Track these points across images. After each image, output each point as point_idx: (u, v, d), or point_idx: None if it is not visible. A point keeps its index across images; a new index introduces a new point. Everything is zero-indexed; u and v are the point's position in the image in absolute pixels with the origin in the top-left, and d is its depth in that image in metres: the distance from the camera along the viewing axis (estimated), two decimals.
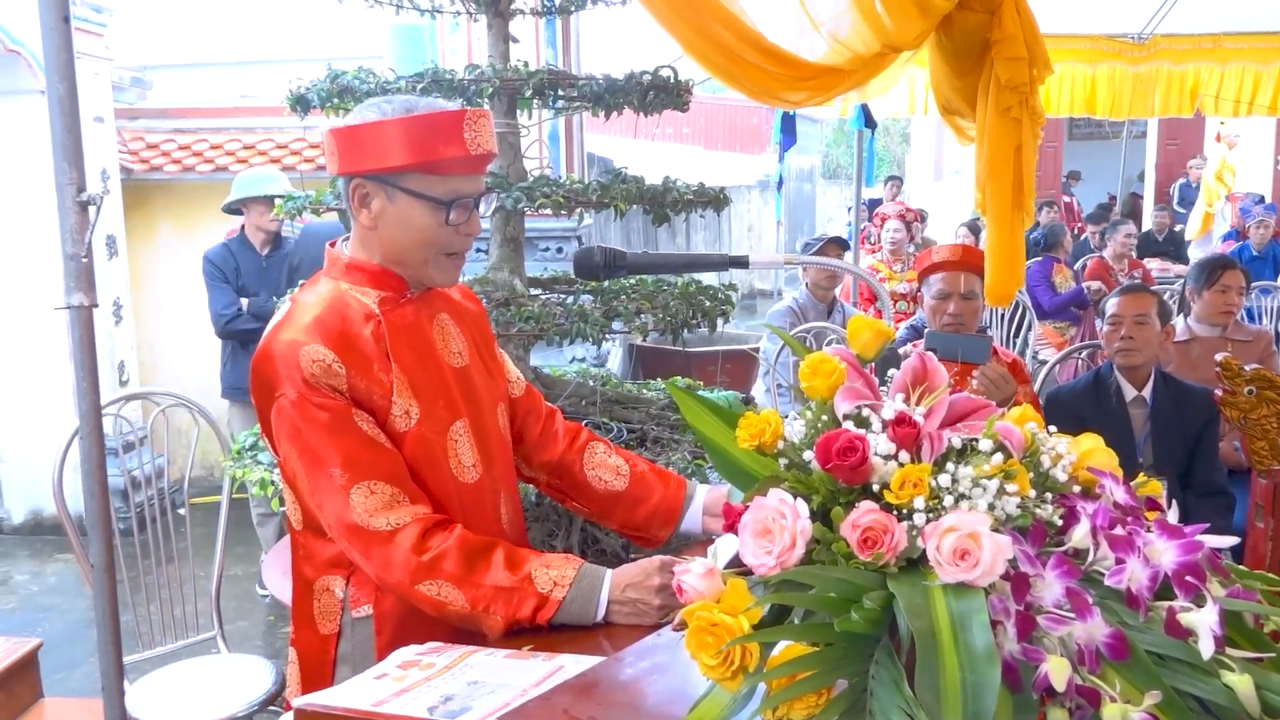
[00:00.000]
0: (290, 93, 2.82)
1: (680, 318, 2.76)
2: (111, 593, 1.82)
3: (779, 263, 1.90)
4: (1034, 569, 0.87)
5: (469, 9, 2.95)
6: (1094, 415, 2.92)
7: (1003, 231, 3.34)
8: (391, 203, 1.50)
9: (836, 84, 3.21)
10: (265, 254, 4.53)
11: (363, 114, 1.50)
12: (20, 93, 4.95)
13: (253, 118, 6.08)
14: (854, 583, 0.89)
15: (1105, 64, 5.97)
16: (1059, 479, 0.98)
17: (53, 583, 4.79)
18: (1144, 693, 0.81)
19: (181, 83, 7.57)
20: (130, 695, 2.39)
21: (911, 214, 6.86)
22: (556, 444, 1.78)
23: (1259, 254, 8.05)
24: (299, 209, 2.89)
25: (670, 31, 2.67)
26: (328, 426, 1.44)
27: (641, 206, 2.86)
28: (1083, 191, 14.11)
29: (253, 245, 4.54)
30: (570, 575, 1.44)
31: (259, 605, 4.40)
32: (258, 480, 2.64)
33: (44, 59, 1.67)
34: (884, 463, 0.95)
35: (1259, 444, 2.52)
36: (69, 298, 1.72)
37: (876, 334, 1.17)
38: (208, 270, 4.48)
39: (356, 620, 1.54)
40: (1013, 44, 3.19)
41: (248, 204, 4.45)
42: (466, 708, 1.12)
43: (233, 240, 4.58)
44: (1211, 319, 3.80)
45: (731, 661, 0.89)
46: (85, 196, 1.70)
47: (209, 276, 4.47)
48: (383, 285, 1.55)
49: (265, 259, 4.52)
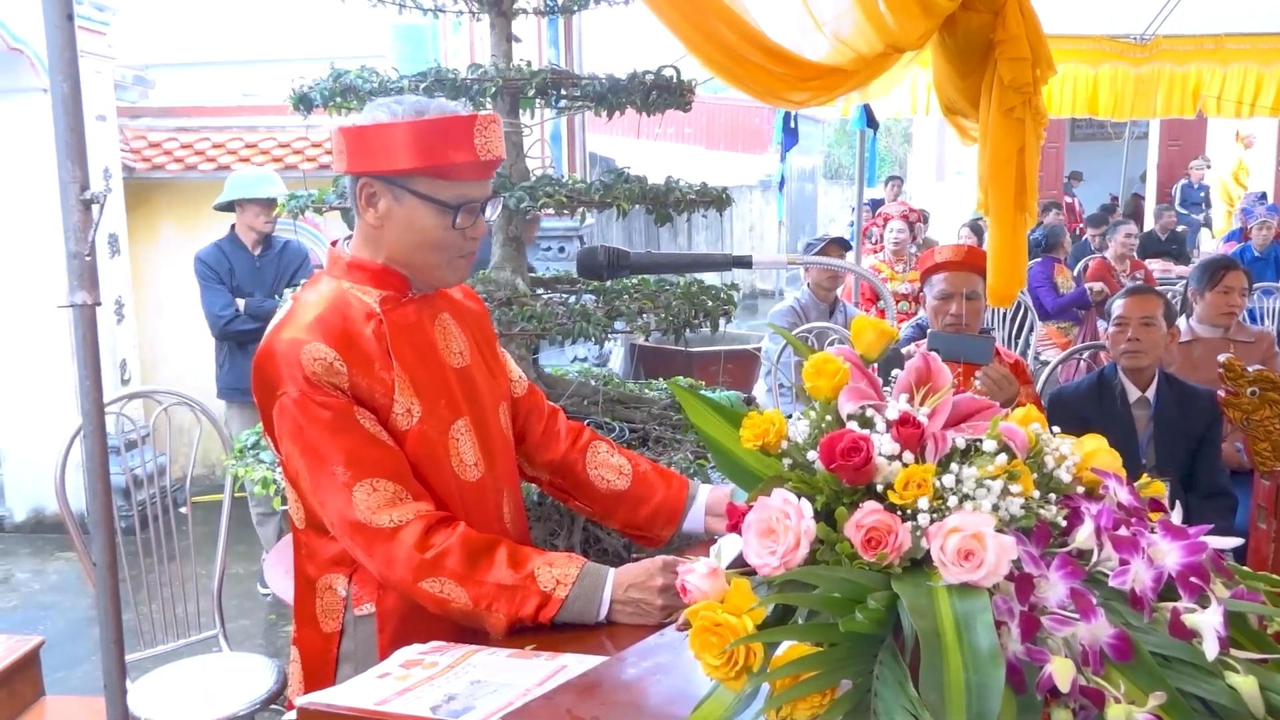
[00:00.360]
0: (293, 92, 2.82)
1: (682, 317, 2.76)
2: (113, 591, 1.82)
3: (781, 263, 1.90)
4: (1038, 570, 0.87)
5: (471, 8, 2.95)
6: (1097, 416, 2.92)
7: (1005, 232, 3.34)
8: (399, 204, 1.50)
9: (839, 84, 3.21)
10: (258, 254, 4.53)
11: (373, 114, 1.49)
12: (23, 91, 4.95)
13: (255, 117, 6.08)
14: (858, 583, 0.89)
15: (1107, 64, 5.98)
16: (1063, 480, 0.98)
17: (54, 581, 4.80)
18: (1148, 694, 0.81)
19: (184, 81, 7.57)
20: (132, 694, 2.39)
21: (914, 214, 6.86)
22: (559, 443, 1.78)
23: (1261, 255, 8.05)
24: (301, 208, 2.90)
25: (673, 31, 2.67)
26: (330, 425, 1.44)
27: (644, 206, 2.86)
28: (1084, 192, 14.11)
29: (245, 245, 4.53)
30: (573, 574, 1.44)
31: (260, 604, 4.41)
32: (259, 479, 2.65)
33: (47, 57, 1.67)
34: (888, 463, 0.95)
35: (1261, 445, 2.51)
36: (72, 296, 1.72)
37: (880, 334, 1.17)
38: (201, 271, 4.45)
39: (359, 618, 1.54)
40: (1016, 44, 3.19)
41: (242, 204, 4.46)
42: (469, 707, 1.12)
43: (224, 240, 4.56)
44: (1214, 320, 3.79)
45: (735, 661, 0.89)
46: (88, 195, 1.69)
47: (202, 277, 4.44)
48: (384, 284, 1.55)
49: (258, 259, 4.52)
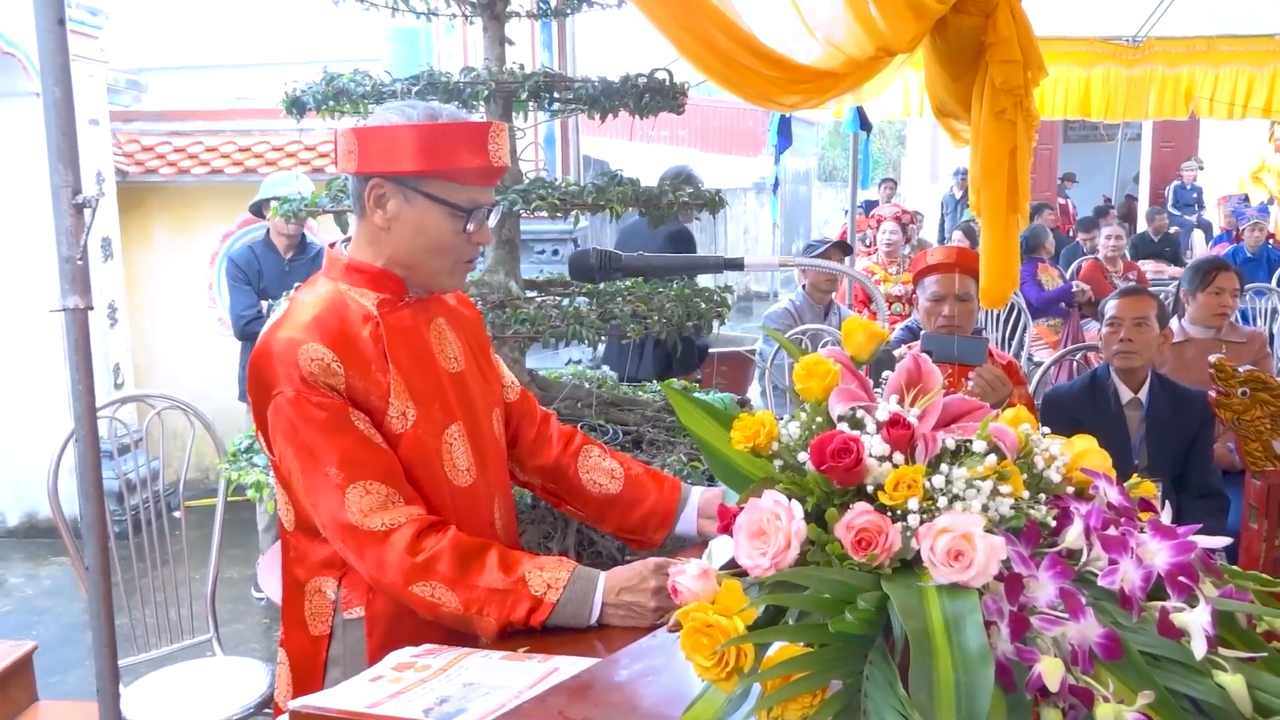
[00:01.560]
0: (285, 95, 2.82)
1: (676, 320, 2.76)
2: (106, 595, 1.82)
3: (774, 265, 1.90)
4: (1028, 570, 0.87)
5: (465, 11, 2.95)
6: (1090, 417, 2.93)
7: (997, 234, 3.34)
8: (409, 205, 1.51)
9: (831, 87, 3.22)
10: (289, 257, 4.57)
11: (387, 116, 1.50)
12: (15, 95, 4.94)
13: (248, 120, 6.08)
14: (848, 584, 0.89)
15: (1100, 66, 5.99)
16: (1053, 480, 0.98)
17: (48, 585, 4.78)
18: (1137, 693, 0.81)
19: (177, 85, 7.56)
20: (125, 698, 2.39)
21: (907, 216, 6.88)
22: (551, 448, 1.78)
23: (1253, 256, 8.07)
24: (295, 211, 2.89)
25: (665, 35, 2.68)
26: (325, 425, 1.44)
27: (637, 209, 2.86)
28: (1078, 194, 14.14)
29: (276, 248, 4.58)
30: (564, 578, 1.44)
31: (254, 608, 4.40)
32: (253, 483, 2.64)
33: (39, 61, 1.67)
34: (878, 464, 0.95)
35: (1253, 445, 2.52)
36: (64, 300, 1.72)
37: (871, 336, 1.17)
38: (230, 271, 4.54)
39: (348, 622, 1.54)
40: (1007, 46, 3.19)
41: (267, 205, 4.46)
42: (462, 709, 1.12)
43: (258, 242, 4.65)
44: (1206, 321, 3.80)
45: (726, 662, 0.89)
46: (80, 199, 1.69)
47: (230, 277, 4.53)
48: (381, 287, 1.56)
49: (289, 262, 4.56)
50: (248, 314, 4.43)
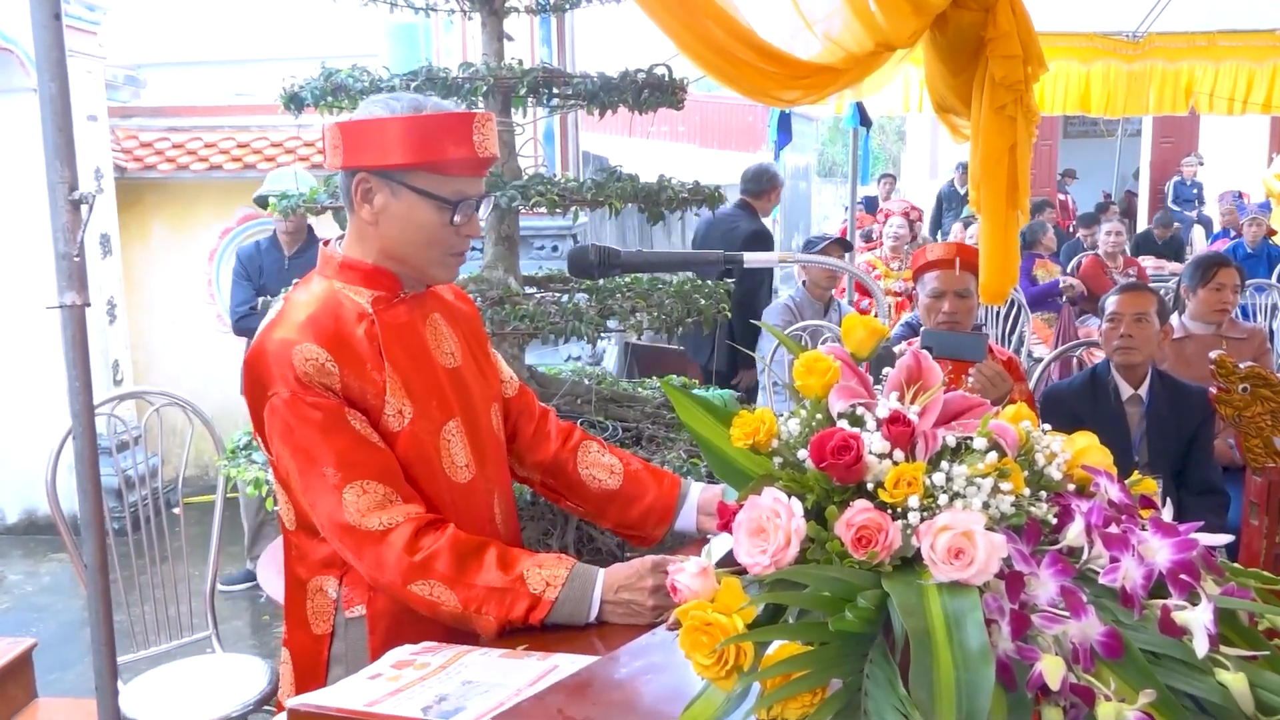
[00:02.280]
0: (284, 91, 2.81)
1: (675, 316, 2.76)
2: (105, 592, 1.81)
3: (773, 261, 1.89)
4: (1028, 567, 0.87)
5: (463, 7, 2.94)
6: (1090, 413, 2.92)
7: (997, 229, 3.34)
8: (395, 199, 1.50)
9: (830, 82, 3.21)
10: (291, 254, 4.61)
11: (370, 109, 1.50)
12: (13, 91, 4.93)
13: (247, 116, 6.07)
14: (848, 582, 0.89)
15: (1100, 62, 5.98)
16: (1053, 477, 0.98)
17: (47, 583, 4.78)
18: (1139, 691, 0.81)
19: (175, 81, 7.55)
20: (124, 695, 2.38)
21: (915, 211, 6.89)
22: (549, 443, 1.78)
23: (1253, 251, 8.06)
24: (293, 207, 2.89)
25: (664, 30, 2.68)
26: (321, 425, 1.44)
27: (636, 205, 2.85)
28: (1078, 190, 14.13)
29: (280, 246, 4.64)
30: (563, 575, 1.44)
31: (254, 605, 4.40)
32: (252, 480, 2.64)
33: (36, 57, 1.67)
34: (878, 461, 0.95)
35: (1253, 441, 2.52)
36: (61, 297, 1.72)
37: (871, 332, 1.17)
38: (235, 267, 4.67)
39: (350, 620, 1.54)
40: (1007, 42, 3.19)
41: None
42: (461, 707, 1.12)
43: (265, 239, 4.74)
44: (1206, 317, 3.80)
45: (726, 661, 0.89)
46: (77, 195, 1.69)
47: (234, 272, 4.66)
48: (376, 284, 1.55)
49: (289, 259, 4.61)
50: (241, 308, 4.52)
